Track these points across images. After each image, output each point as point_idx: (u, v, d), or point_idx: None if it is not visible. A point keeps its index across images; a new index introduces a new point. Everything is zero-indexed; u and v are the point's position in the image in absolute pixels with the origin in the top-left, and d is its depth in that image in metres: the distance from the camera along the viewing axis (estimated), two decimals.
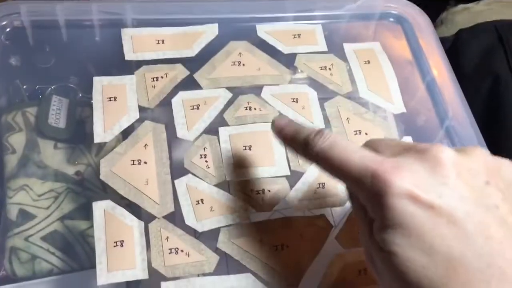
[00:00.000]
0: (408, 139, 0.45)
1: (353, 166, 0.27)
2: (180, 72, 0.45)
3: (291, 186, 0.41)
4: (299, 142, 0.31)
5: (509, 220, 0.24)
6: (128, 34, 0.46)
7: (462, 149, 0.27)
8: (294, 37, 0.49)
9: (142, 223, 0.37)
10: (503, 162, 0.27)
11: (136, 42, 0.45)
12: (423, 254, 0.24)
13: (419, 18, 0.54)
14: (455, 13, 0.73)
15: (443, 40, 0.57)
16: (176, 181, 0.39)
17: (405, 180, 0.25)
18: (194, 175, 0.40)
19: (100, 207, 0.37)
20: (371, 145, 0.29)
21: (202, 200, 0.38)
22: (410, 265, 0.24)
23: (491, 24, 0.66)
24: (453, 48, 0.66)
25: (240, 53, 0.47)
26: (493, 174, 0.26)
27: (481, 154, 0.27)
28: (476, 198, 0.25)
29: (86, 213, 0.42)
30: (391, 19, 0.54)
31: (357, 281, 0.38)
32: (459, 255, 0.23)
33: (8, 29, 0.46)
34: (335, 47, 0.49)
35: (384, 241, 0.25)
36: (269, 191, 0.40)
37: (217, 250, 0.37)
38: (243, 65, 0.46)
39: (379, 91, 0.47)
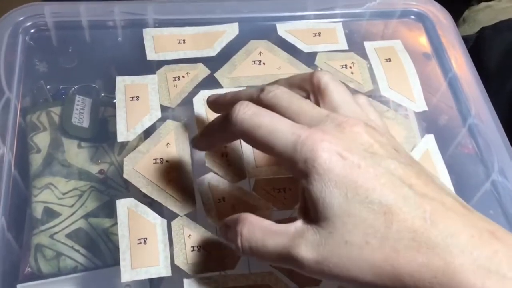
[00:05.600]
0: (430, 137, 0.44)
1: (283, 138, 0.28)
2: (201, 71, 0.45)
3: None
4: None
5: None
6: (150, 34, 0.46)
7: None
8: (315, 36, 0.49)
9: (165, 221, 0.37)
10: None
11: (158, 42, 0.46)
12: (362, 207, 0.26)
13: (440, 15, 0.53)
14: (477, 11, 0.72)
15: (465, 39, 0.56)
16: (198, 180, 0.39)
17: (333, 144, 0.27)
18: (216, 173, 0.40)
19: (124, 205, 0.37)
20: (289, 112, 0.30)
21: (223, 198, 0.39)
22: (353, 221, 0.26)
23: None
24: (476, 46, 0.65)
25: (260, 52, 0.47)
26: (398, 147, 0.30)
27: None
28: (393, 159, 0.28)
29: (109, 211, 0.43)
30: (412, 17, 0.54)
31: None
32: (393, 202, 0.26)
33: (32, 30, 0.47)
34: (355, 46, 0.49)
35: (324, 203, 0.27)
36: (290, 189, 0.40)
37: None
38: (264, 64, 0.46)
39: (401, 89, 0.47)
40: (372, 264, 0.26)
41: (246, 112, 0.30)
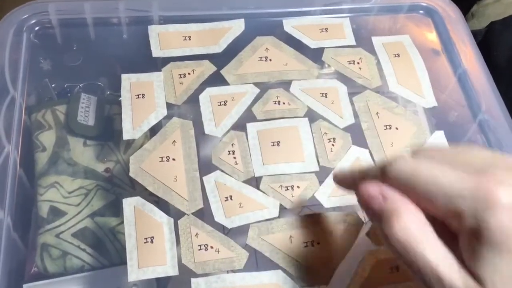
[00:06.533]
0: (440, 134, 0.44)
1: (446, 185, 0.25)
2: (207, 68, 0.44)
3: (320, 182, 0.40)
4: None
5: None
6: (155, 31, 0.46)
7: None
8: (322, 31, 0.48)
9: (172, 220, 0.37)
10: None
11: (163, 39, 0.45)
12: None
13: (449, 9, 0.53)
14: (486, 5, 0.71)
15: (474, 34, 0.55)
16: (204, 178, 0.39)
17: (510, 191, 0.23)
18: (223, 171, 0.39)
19: (130, 204, 0.37)
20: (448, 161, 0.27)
21: (230, 196, 0.38)
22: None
23: None
24: (485, 41, 0.64)
25: (266, 48, 0.46)
26: None
27: None
28: None
29: (115, 209, 0.42)
30: (421, 11, 0.53)
31: (388, 279, 0.37)
32: None
33: (36, 28, 0.47)
34: (363, 41, 0.48)
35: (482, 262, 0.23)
36: (298, 187, 0.39)
37: (246, 247, 0.37)
38: (270, 60, 0.46)
39: (409, 85, 0.46)
40: None
41: (404, 164, 0.26)
